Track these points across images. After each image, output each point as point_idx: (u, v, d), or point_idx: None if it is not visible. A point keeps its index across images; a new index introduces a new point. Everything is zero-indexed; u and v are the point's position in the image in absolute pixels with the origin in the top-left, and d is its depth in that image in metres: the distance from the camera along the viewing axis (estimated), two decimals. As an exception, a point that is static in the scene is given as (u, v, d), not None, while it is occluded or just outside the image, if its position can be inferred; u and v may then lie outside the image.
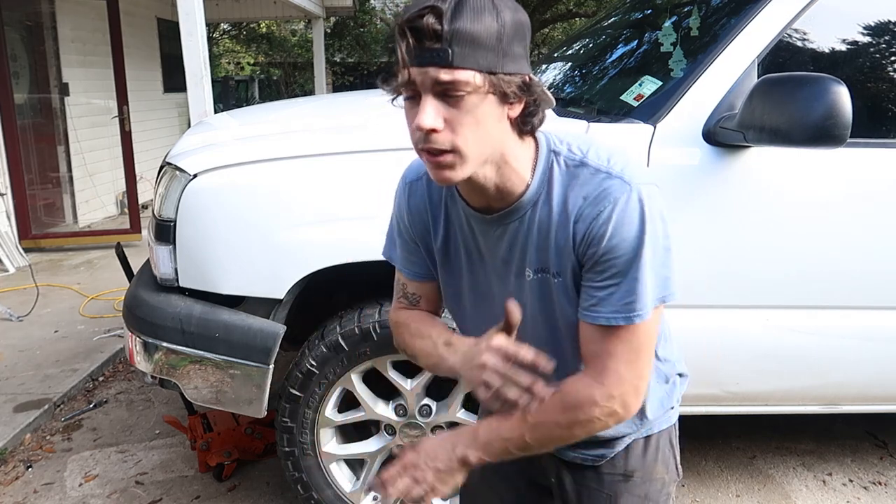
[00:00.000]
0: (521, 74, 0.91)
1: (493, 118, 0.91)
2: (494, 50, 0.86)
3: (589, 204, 0.96)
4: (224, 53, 19.23)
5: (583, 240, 0.97)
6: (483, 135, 0.91)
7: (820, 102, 1.63)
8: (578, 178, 0.98)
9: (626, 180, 0.95)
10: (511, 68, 0.89)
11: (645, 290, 0.96)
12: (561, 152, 1.00)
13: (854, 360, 2.12)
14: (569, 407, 1.00)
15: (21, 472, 2.70)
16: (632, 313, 0.96)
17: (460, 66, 0.85)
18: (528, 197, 1.00)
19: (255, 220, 1.95)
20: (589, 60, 2.88)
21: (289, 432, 2.12)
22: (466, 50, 0.85)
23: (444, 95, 0.88)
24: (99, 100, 6.79)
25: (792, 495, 2.54)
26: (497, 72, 0.87)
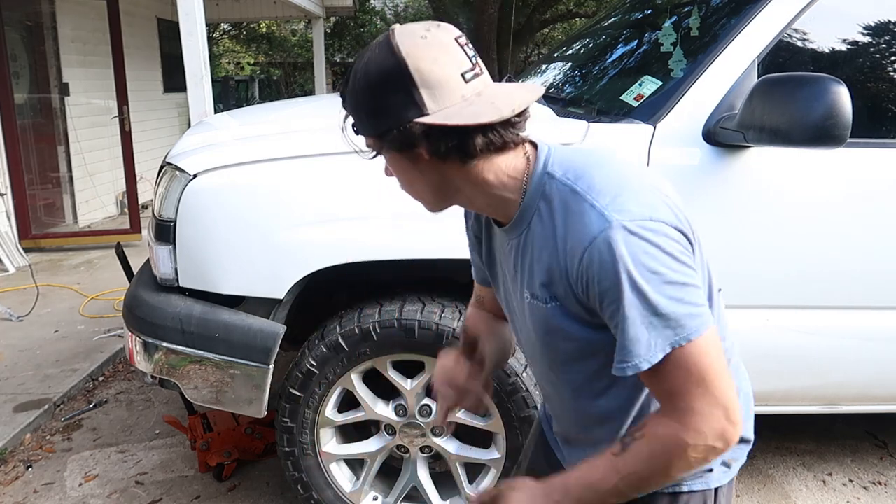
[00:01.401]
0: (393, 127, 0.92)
1: (407, 164, 0.96)
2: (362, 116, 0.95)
3: (575, 241, 0.92)
4: (224, 53, 19.23)
5: (578, 281, 0.93)
6: (409, 179, 0.99)
7: (820, 102, 1.63)
8: (569, 206, 0.94)
9: (607, 216, 0.90)
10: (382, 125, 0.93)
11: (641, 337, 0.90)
12: (555, 174, 0.97)
13: (854, 360, 2.12)
14: (659, 452, 0.94)
15: (21, 472, 2.70)
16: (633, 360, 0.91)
17: (359, 133, 0.98)
18: (522, 213, 1.00)
19: (255, 220, 1.95)
20: (589, 60, 2.88)
21: (289, 432, 2.12)
22: (355, 119, 0.97)
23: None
24: (99, 100, 6.79)
25: (792, 495, 2.54)
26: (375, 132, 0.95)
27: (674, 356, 0.90)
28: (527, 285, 1.02)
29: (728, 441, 0.93)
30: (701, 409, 0.91)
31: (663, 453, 0.94)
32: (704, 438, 0.91)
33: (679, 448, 0.92)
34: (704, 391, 0.91)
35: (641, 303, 0.89)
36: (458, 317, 2.01)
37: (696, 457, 0.93)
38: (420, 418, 2.11)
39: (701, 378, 0.91)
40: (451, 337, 1.98)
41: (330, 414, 2.13)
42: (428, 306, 2.02)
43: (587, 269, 0.91)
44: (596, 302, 0.93)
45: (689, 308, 0.91)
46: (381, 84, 0.90)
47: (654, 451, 0.94)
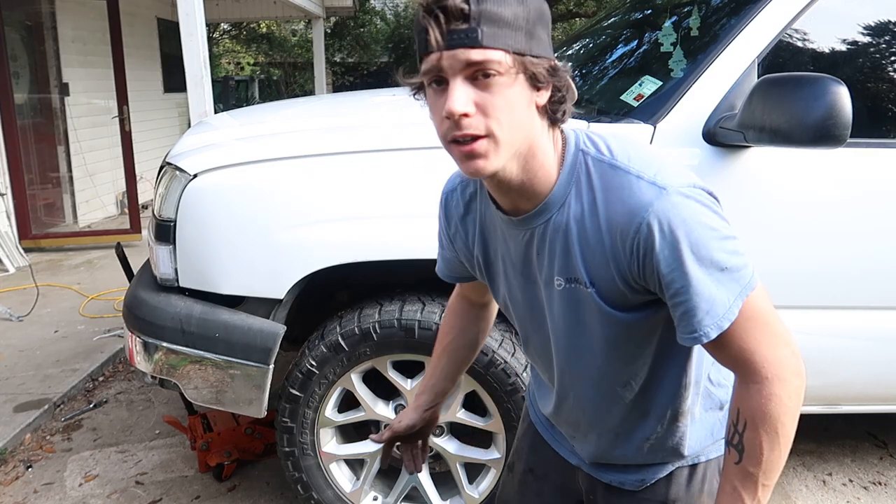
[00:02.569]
0: (548, 59, 0.88)
1: (524, 102, 0.87)
2: (522, 31, 0.84)
3: (625, 213, 0.90)
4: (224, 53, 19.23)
5: (632, 255, 0.91)
6: (515, 119, 0.87)
7: (820, 102, 1.62)
8: (610, 182, 0.92)
9: (660, 185, 0.89)
10: (538, 51, 0.86)
11: (716, 298, 0.90)
12: (589, 152, 0.94)
13: (854, 360, 2.12)
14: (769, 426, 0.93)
15: (21, 472, 2.70)
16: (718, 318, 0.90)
17: (490, 46, 0.82)
18: (555, 197, 0.95)
19: (255, 219, 1.95)
20: (589, 60, 2.88)
21: (289, 432, 2.12)
22: (495, 29, 0.82)
23: (473, 79, 0.84)
24: (99, 100, 6.80)
25: (792, 495, 2.54)
26: (525, 53, 0.85)
27: (744, 309, 0.91)
28: (558, 271, 0.98)
29: (802, 373, 0.94)
30: (774, 356, 0.93)
31: (771, 421, 0.93)
32: (789, 381, 0.92)
33: (777, 403, 0.92)
34: (771, 336, 0.93)
35: (709, 261, 0.89)
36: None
37: (792, 402, 0.93)
38: (420, 418, 2.11)
39: (766, 324, 0.93)
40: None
41: (330, 414, 2.13)
42: (428, 306, 2.02)
43: (645, 239, 0.89)
44: (653, 274, 0.91)
45: (743, 258, 0.93)
46: (539, 14, 0.87)
47: (764, 427, 0.93)
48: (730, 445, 0.97)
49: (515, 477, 1.34)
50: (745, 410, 0.95)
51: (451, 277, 1.27)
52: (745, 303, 0.91)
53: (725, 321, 0.90)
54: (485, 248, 1.11)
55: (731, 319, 0.91)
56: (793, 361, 0.94)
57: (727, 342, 0.93)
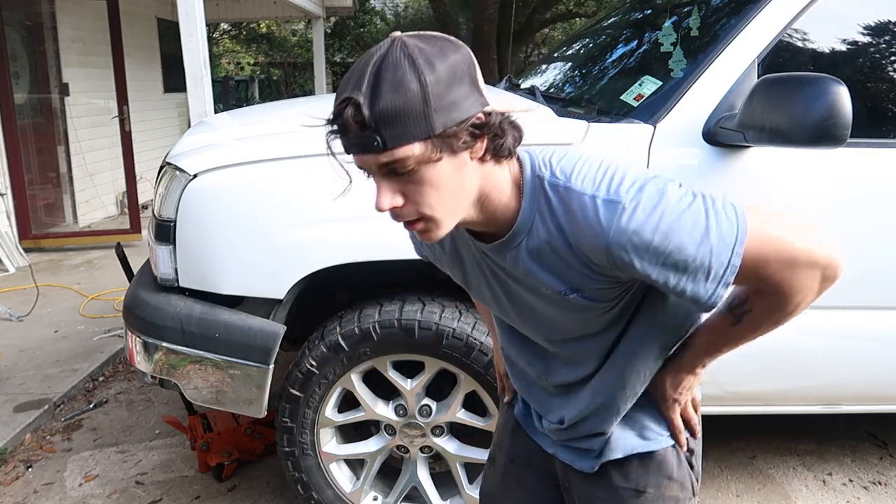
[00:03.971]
0: (467, 119, 0.86)
1: (451, 172, 0.88)
2: (424, 115, 0.83)
3: (591, 234, 0.92)
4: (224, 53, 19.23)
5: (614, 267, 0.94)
6: (445, 194, 0.89)
7: (820, 102, 1.62)
8: (569, 205, 0.94)
9: (615, 200, 0.91)
10: (456, 117, 0.85)
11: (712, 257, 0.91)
12: (544, 176, 0.96)
13: (854, 360, 2.13)
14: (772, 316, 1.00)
15: (21, 472, 2.70)
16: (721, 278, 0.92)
17: (394, 147, 0.83)
18: (521, 225, 0.98)
19: (255, 220, 1.95)
20: (589, 60, 2.88)
21: (289, 432, 2.12)
22: (395, 129, 0.82)
23: (394, 173, 0.87)
24: (99, 100, 6.80)
25: (792, 495, 2.54)
26: (434, 134, 0.84)
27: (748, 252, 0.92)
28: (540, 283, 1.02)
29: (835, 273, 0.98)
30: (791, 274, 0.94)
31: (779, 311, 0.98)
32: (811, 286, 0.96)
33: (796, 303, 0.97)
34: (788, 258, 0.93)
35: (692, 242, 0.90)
36: (458, 317, 2.01)
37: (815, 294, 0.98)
38: (420, 418, 2.11)
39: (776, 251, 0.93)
40: (451, 337, 1.98)
41: (330, 414, 2.13)
42: (428, 306, 2.02)
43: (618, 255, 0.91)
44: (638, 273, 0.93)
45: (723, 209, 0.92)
46: (450, 77, 0.84)
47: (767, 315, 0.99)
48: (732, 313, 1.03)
49: (497, 469, 1.37)
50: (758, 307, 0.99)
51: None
52: (746, 247, 0.92)
53: (730, 276, 0.92)
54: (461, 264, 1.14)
55: (735, 273, 0.92)
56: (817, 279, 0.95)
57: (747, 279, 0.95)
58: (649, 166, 1.89)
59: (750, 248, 0.92)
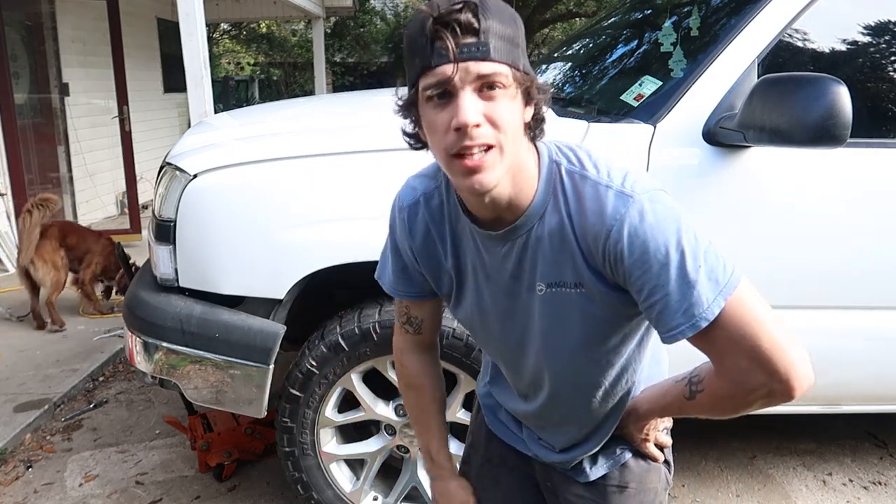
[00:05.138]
0: (534, 77, 0.92)
1: (519, 116, 0.91)
2: (519, 48, 0.88)
3: (596, 222, 0.93)
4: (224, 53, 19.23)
5: (605, 260, 0.94)
6: (516, 131, 0.90)
7: (820, 102, 1.63)
8: (582, 191, 0.95)
9: (627, 193, 0.92)
10: (528, 69, 0.90)
11: (696, 290, 0.89)
12: (561, 163, 0.97)
13: (854, 360, 2.12)
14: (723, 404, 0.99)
15: (21, 472, 2.70)
16: (695, 319, 0.90)
17: (498, 60, 0.85)
18: (535, 208, 0.97)
19: (255, 220, 1.95)
20: (589, 60, 2.88)
21: (289, 432, 2.12)
22: (501, 45, 0.86)
23: (479, 91, 0.87)
24: (99, 100, 6.79)
25: (792, 495, 2.54)
26: (523, 69, 0.89)
27: (725, 310, 0.90)
28: (540, 277, 1.00)
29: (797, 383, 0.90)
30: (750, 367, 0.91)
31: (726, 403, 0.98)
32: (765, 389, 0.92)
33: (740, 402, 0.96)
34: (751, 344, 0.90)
35: (683, 262, 0.89)
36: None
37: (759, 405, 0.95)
38: (420, 418, 2.11)
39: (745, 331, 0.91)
40: (451, 337, 1.98)
41: (330, 414, 2.13)
42: (428, 306, 2.02)
43: (615, 245, 0.91)
44: (627, 277, 0.92)
45: (719, 258, 0.92)
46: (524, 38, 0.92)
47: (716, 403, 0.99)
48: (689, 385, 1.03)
49: (472, 470, 1.37)
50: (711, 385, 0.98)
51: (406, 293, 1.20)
52: (728, 302, 0.90)
53: (703, 321, 0.90)
54: (457, 260, 1.10)
55: (709, 319, 0.90)
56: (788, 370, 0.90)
57: (711, 341, 0.93)
58: (649, 166, 1.89)
59: (733, 308, 0.90)
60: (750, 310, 0.92)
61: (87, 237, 4.28)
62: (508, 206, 0.97)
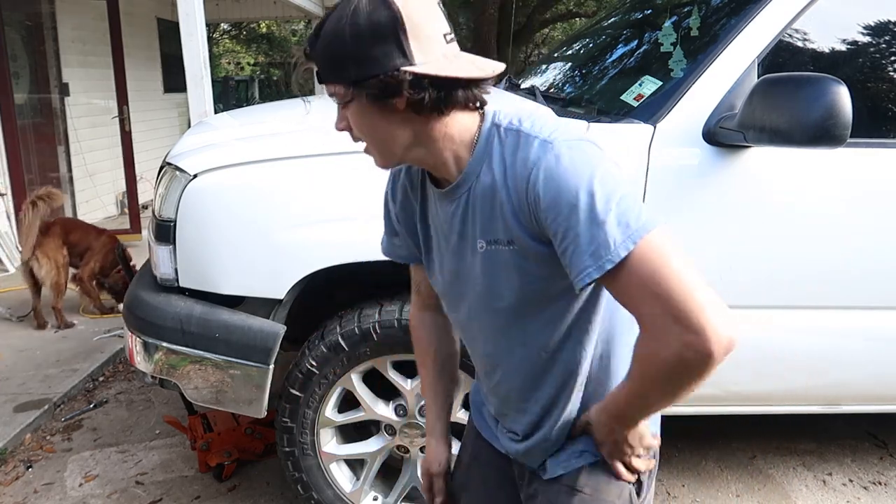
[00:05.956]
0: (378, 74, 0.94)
1: (373, 116, 0.99)
2: (342, 63, 0.96)
3: (521, 170, 0.97)
4: (224, 53, 19.24)
5: (528, 209, 0.97)
6: (371, 132, 1.01)
7: (820, 102, 1.63)
8: (515, 146, 1.00)
9: (548, 139, 0.97)
10: (366, 72, 0.95)
11: (604, 231, 0.90)
12: (501, 123, 1.03)
13: (854, 360, 2.13)
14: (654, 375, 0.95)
15: (21, 472, 2.70)
16: (601, 260, 0.90)
17: (327, 82, 0.99)
18: (470, 168, 1.03)
19: (255, 220, 1.95)
20: (589, 60, 2.89)
21: (289, 432, 2.12)
22: (326, 67, 0.98)
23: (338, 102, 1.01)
24: (99, 100, 6.79)
25: (792, 495, 2.54)
26: (356, 79, 0.96)
27: (634, 254, 0.90)
28: (480, 234, 1.05)
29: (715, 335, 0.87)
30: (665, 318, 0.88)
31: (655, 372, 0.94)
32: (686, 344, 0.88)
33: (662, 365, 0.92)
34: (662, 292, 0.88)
35: (593, 203, 0.91)
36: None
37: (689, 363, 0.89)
38: (420, 418, 2.11)
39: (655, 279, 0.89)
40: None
41: (330, 414, 2.13)
42: (428, 306, 2.02)
43: (532, 188, 0.95)
44: (544, 221, 0.95)
45: (633, 203, 0.93)
46: (372, 32, 0.94)
47: (646, 373, 0.96)
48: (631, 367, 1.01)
49: (462, 469, 1.39)
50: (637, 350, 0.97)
51: (397, 256, 1.31)
52: (638, 246, 0.90)
53: (608, 262, 0.90)
54: (424, 222, 1.18)
55: (614, 261, 0.90)
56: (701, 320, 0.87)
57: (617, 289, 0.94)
58: (649, 166, 1.89)
59: (642, 251, 0.90)
60: (660, 255, 0.90)
61: (90, 234, 4.29)
62: (442, 169, 1.05)
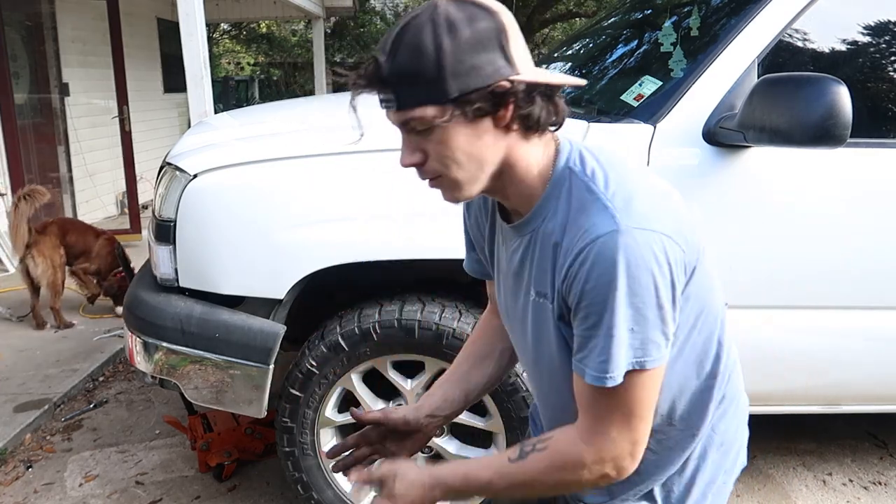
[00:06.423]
0: (487, 85, 0.86)
1: (469, 136, 0.89)
2: (438, 79, 0.85)
3: (577, 236, 0.89)
4: (224, 53, 19.24)
5: (565, 277, 0.91)
6: (462, 157, 0.90)
7: (820, 102, 1.63)
8: (582, 202, 0.91)
9: (617, 218, 0.87)
10: (470, 85, 0.85)
11: (618, 350, 0.88)
12: (575, 169, 0.94)
13: (854, 360, 2.13)
14: (556, 467, 0.96)
15: (21, 472, 2.70)
16: (604, 374, 0.89)
17: (408, 108, 0.87)
18: (538, 208, 0.96)
19: (255, 220, 1.95)
20: (589, 60, 2.88)
21: (289, 432, 2.12)
22: (409, 90, 0.86)
23: (414, 131, 0.89)
24: (99, 100, 6.79)
25: (792, 495, 2.54)
26: (448, 98, 0.85)
27: (627, 377, 0.90)
28: (534, 283, 0.99)
29: (622, 474, 0.95)
30: (615, 438, 0.93)
31: (560, 467, 0.96)
32: (604, 465, 0.94)
33: (577, 465, 0.94)
34: (627, 422, 0.92)
35: (626, 314, 0.87)
36: (458, 317, 2.01)
37: (587, 479, 0.95)
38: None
39: (631, 408, 0.92)
40: (451, 337, 1.98)
41: (330, 414, 2.13)
42: (428, 306, 2.02)
43: (580, 265, 0.88)
44: (573, 301, 0.91)
45: (660, 337, 0.90)
46: (476, 41, 0.85)
47: (553, 462, 0.96)
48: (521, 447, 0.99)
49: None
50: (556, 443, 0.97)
51: (474, 271, 1.26)
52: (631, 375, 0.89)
53: (609, 381, 0.89)
54: (491, 248, 1.14)
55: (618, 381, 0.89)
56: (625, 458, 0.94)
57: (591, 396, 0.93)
58: (649, 166, 1.89)
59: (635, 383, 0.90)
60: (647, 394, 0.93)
61: (88, 235, 4.28)
62: (513, 200, 0.98)
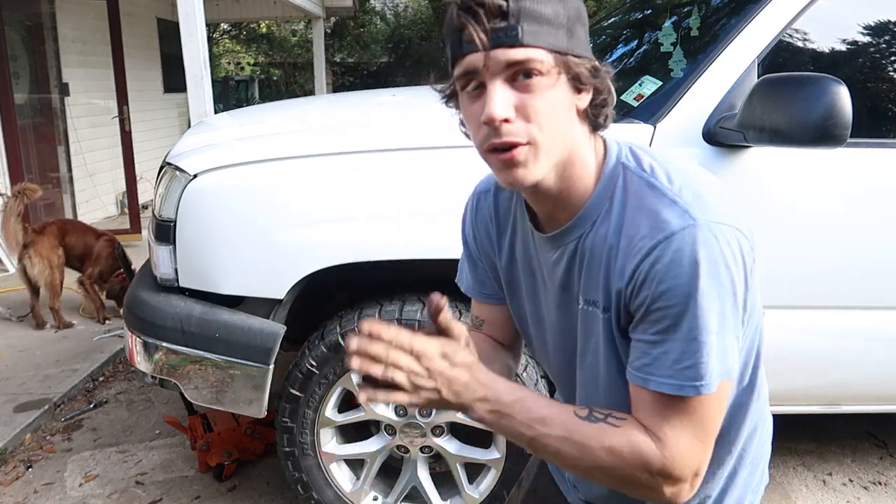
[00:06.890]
0: (590, 59, 0.82)
1: (565, 106, 0.81)
2: (563, 28, 0.78)
3: (644, 235, 0.81)
4: (224, 53, 19.24)
5: (632, 278, 0.82)
6: (557, 124, 0.81)
7: (820, 102, 1.63)
8: (643, 200, 0.83)
9: (691, 213, 0.80)
10: (579, 51, 0.80)
11: (708, 354, 0.79)
12: (629, 166, 0.87)
13: (854, 360, 2.12)
14: (619, 451, 0.83)
15: (21, 472, 2.70)
16: (689, 382, 0.79)
17: (532, 45, 0.77)
18: (588, 210, 0.88)
19: (255, 220, 1.95)
20: (589, 60, 2.88)
21: (289, 432, 2.12)
22: (536, 27, 0.76)
23: (513, 80, 0.79)
24: (99, 100, 6.79)
25: (792, 495, 2.54)
26: (567, 52, 0.79)
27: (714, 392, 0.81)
28: (583, 291, 0.90)
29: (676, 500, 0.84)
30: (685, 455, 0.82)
31: (623, 456, 0.83)
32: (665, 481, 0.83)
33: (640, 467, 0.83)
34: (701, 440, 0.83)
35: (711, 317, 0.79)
36: (457, 317, 2.01)
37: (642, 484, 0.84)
38: (420, 418, 2.11)
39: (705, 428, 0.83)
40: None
41: (330, 414, 2.13)
42: (428, 306, 2.02)
43: (652, 265, 0.80)
44: (643, 304, 0.81)
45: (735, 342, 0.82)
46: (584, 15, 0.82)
47: (617, 446, 0.83)
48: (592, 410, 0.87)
49: (520, 494, 1.31)
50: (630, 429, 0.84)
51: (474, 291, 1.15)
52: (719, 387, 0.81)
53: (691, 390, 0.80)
54: (511, 258, 1.04)
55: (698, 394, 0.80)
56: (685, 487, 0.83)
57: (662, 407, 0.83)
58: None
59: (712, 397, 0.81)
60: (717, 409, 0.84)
61: (88, 236, 4.27)
62: (559, 202, 0.89)
